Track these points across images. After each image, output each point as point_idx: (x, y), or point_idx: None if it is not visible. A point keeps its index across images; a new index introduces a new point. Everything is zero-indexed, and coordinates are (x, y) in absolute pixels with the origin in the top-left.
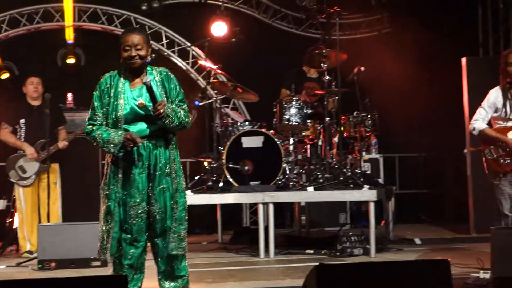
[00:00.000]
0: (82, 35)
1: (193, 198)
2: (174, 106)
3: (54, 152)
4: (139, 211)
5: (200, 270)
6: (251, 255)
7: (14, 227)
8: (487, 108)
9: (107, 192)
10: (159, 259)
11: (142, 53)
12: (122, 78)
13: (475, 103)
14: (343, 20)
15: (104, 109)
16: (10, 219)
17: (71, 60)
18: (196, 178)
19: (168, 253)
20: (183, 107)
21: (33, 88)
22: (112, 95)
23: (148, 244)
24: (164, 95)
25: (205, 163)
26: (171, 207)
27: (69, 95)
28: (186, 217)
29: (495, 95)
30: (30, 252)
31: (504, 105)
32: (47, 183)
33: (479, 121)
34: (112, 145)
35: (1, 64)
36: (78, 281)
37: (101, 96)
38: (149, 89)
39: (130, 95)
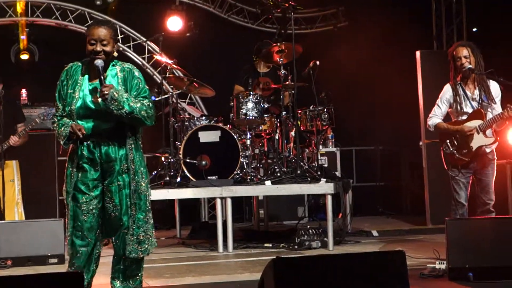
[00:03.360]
0: (35, 30)
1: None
2: (127, 94)
3: (11, 149)
4: (91, 207)
5: (158, 265)
6: (209, 250)
7: None
8: (440, 104)
9: (64, 187)
10: (114, 257)
11: (108, 48)
12: (83, 71)
13: (430, 96)
14: (298, 14)
15: (63, 101)
16: None
17: (24, 56)
18: (153, 173)
19: (126, 255)
20: (143, 101)
21: None
22: (69, 86)
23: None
24: (125, 91)
25: (162, 158)
26: (127, 207)
27: (23, 91)
28: (147, 219)
29: (447, 91)
30: None
31: (456, 100)
32: (2, 180)
33: (433, 118)
34: (61, 137)
35: None
36: (34, 279)
37: (60, 87)
38: (98, 71)
39: (86, 89)
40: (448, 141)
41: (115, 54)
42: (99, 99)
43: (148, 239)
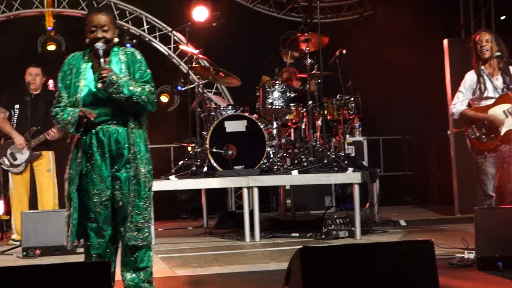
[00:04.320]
0: (62, 21)
1: (177, 183)
2: (126, 78)
3: (48, 141)
4: (103, 199)
5: (185, 255)
6: (236, 240)
7: None
8: (464, 91)
9: (67, 176)
10: (124, 248)
11: (109, 35)
12: (85, 59)
13: (458, 85)
14: (324, 3)
15: (67, 90)
16: None
17: (51, 47)
18: (180, 163)
19: (125, 243)
20: (145, 86)
21: (31, 79)
22: (73, 76)
23: None
24: (128, 76)
25: (189, 148)
26: (130, 194)
27: (50, 82)
28: (146, 206)
29: (470, 77)
30: (15, 240)
31: (478, 86)
32: (40, 171)
33: (457, 105)
34: (70, 125)
35: None
36: (62, 268)
37: (64, 77)
38: (97, 54)
39: (91, 77)
40: (474, 126)
41: (116, 40)
42: (98, 83)
43: (148, 228)
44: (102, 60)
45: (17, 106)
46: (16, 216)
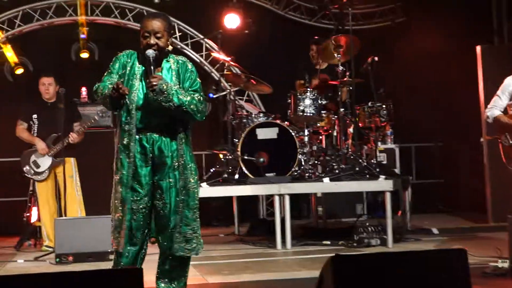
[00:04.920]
0: (95, 29)
1: (209, 191)
2: (177, 87)
3: (69, 146)
4: (141, 206)
5: (217, 262)
6: (268, 247)
7: (31, 221)
8: (501, 95)
9: (119, 177)
10: (160, 257)
11: (162, 42)
12: (140, 60)
13: (491, 91)
14: (356, 10)
15: (118, 76)
16: (27, 214)
17: (84, 55)
18: (211, 170)
19: (171, 254)
20: (194, 95)
21: (44, 89)
22: (129, 72)
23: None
24: (178, 84)
25: (220, 155)
26: (177, 204)
27: (83, 89)
28: (195, 217)
29: (509, 82)
30: (48, 246)
31: None
32: (63, 177)
33: (493, 109)
34: (107, 100)
35: (15, 60)
36: (95, 274)
37: (119, 65)
38: (148, 62)
39: (143, 82)
40: (507, 133)
41: (170, 47)
42: (149, 91)
43: (196, 238)
44: (152, 68)
45: (34, 116)
46: (45, 223)
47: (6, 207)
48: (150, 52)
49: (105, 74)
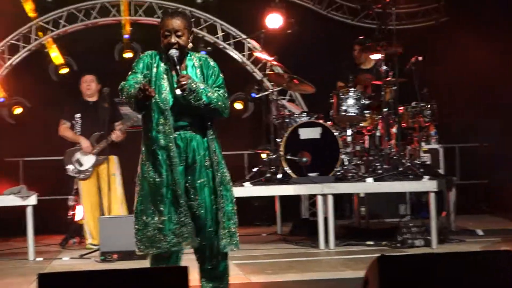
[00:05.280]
0: (138, 29)
1: (251, 190)
2: (204, 85)
3: (112, 145)
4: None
5: (260, 261)
6: (310, 247)
7: (76, 219)
8: None
9: (158, 179)
10: (200, 257)
11: (182, 41)
12: (163, 60)
13: None
14: (399, 9)
15: (142, 75)
16: (72, 212)
17: (128, 55)
18: (254, 170)
19: (220, 250)
20: (219, 91)
21: (86, 86)
22: (155, 73)
23: None
24: (202, 81)
25: (263, 155)
26: (212, 202)
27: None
28: (234, 211)
29: None
30: (93, 244)
31: None
32: (107, 175)
33: None
34: (131, 99)
35: (60, 60)
36: (140, 272)
37: (144, 65)
38: (173, 61)
39: (170, 82)
40: None
41: (190, 45)
42: (177, 90)
43: (237, 232)
44: (178, 67)
45: (77, 115)
46: (88, 221)
47: (52, 205)
48: (174, 52)
49: (130, 73)
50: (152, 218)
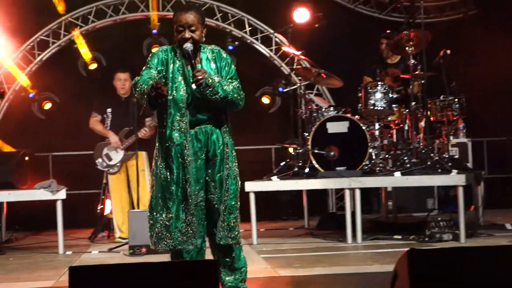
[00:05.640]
0: (166, 24)
1: (279, 184)
2: (219, 78)
3: (141, 141)
4: (199, 200)
5: (287, 255)
6: (338, 241)
7: (105, 213)
8: None
9: (171, 177)
10: (218, 251)
11: (196, 35)
12: (178, 56)
13: None
14: (427, 3)
15: (157, 70)
16: (101, 206)
17: (156, 49)
18: (281, 164)
19: (216, 242)
20: (233, 83)
21: (120, 85)
22: (171, 69)
23: None
24: (217, 73)
25: (291, 149)
26: (223, 194)
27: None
28: (237, 206)
29: None
30: (122, 238)
31: None
32: (136, 170)
33: None
34: (144, 96)
35: (89, 55)
36: (169, 266)
37: (159, 60)
38: (188, 56)
39: (185, 77)
40: None
41: (203, 39)
42: (193, 85)
43: (237, 226)
44: (193, 61)
45: (109, 109)
46: (117, 215)
47: (81, 199)
48: (188, 46)
49: (144, 69)
50: (160, 215)
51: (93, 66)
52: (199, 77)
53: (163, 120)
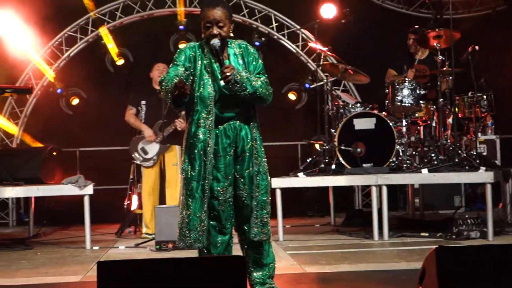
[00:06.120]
0: (193, 20)
1: (305, 181)
2: (247, 73)
3: (175, 134)
4: (227, 196)
5: (314, 252)
6: (364, 238)
7: (132, 209)
8: None
9: (192, 173)
10: (247, 246)
11: (224, 31)
12: (205, 52)
13: None
14: None
15: (184, 68)
16: (128, 201)
17: (183, 46)
18: (308, 160)
19: (251, 238)
20: (261, 78)
21: (158, 74)
22: (199, 66)
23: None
24: (244, 69)
25: (317, 146)
26: (254, 189)
27: None
28: (269, 201)
29: None
30: (148, 233)
31: None
32: (169, 164)
33: None
34: (167, 94)
35: (116, 51)
36: (197, 262)
37: (186, 57)
38: (216, 52)
39: (214, 73)
40: None
41: (231, 34)
42: (222, 82)
43: (269, 222)
44: (221, 58)
45: (143, 102)
46: (145, 210)
47: (107, 195)
48: (216, 42)
49: (171, 66)
50: (181, 212)
51: (120, 62)
52: (228, 74)
53: (189, 117)
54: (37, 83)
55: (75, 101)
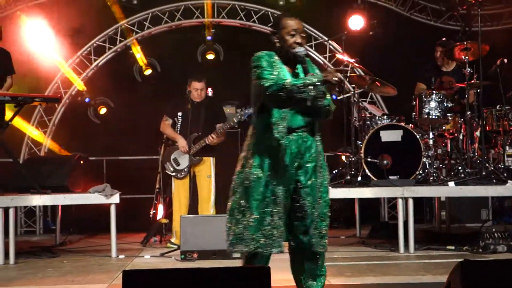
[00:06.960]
0: (221, 31)
1: (331, 192)
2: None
3: (208, 146)
4: (287, 205)
5: (339, 264)
6: (390, 250)
7: (157, 218)
8: None
9: (262, 176)
10: (304, 257)
11: (304, 41)
12: (281, 61)
13: None
14: (484, 11)
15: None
16: (154, 211)
17: (210, 56)
18: (334, 172)
19: (310, 249)
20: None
21: (197, 95)
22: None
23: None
24: None
25: (343, 157)
26: (317, 201)
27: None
28: (329, 214)
29: None
30: (173, 243)
31: None
32: (202, 176)
33: None
34: (311, 87)
35: (144, 61)
36: (221, 272)
37: (269, 64)
38: (301, 60)
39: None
40: None
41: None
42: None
43: (327, 234)
44: (306, 65)
45: (179, 113)
46: (176, 220)
47: (133, 203)
48: (302, 50)
49: (258, 71)
50: (243, 215)
51: (148, 71)
52: (336, 78)
53: (264, 121)
54: (65, 92)
55: (103, 110)
